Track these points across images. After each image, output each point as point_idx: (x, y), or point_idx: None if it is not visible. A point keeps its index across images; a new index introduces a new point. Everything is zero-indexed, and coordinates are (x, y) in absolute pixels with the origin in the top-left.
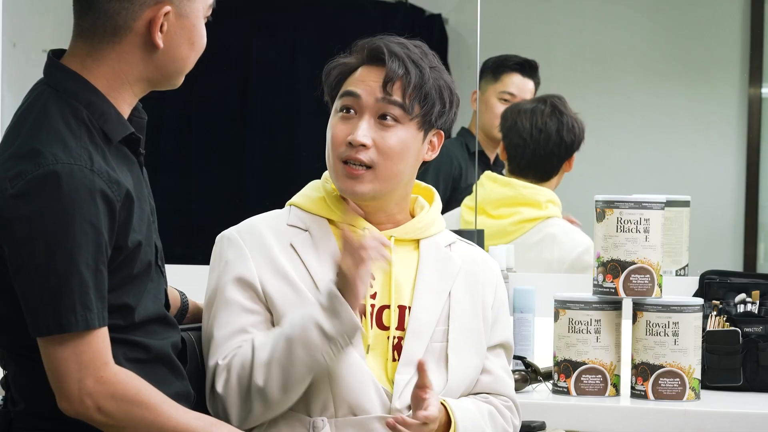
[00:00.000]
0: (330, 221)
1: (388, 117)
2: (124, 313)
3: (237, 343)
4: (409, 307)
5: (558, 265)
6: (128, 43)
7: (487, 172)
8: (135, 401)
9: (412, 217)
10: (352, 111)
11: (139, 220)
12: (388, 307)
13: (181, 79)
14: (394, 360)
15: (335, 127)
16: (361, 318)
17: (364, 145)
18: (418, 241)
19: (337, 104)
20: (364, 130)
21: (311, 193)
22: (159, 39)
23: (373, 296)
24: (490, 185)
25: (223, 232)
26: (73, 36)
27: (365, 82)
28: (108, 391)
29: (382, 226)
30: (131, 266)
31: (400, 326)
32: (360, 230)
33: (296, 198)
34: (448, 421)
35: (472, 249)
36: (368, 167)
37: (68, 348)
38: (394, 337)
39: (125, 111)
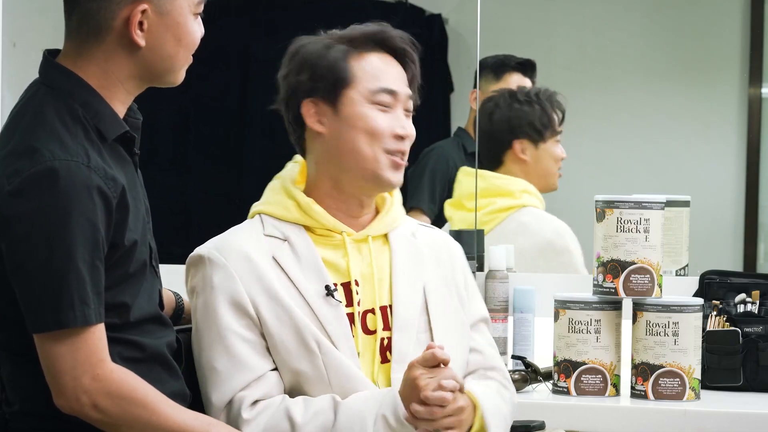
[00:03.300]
0: (306, 228)
1: (408, 110)
2: (120, 312)
3: (244, 382)
4: (390, 306)
5: (531, 252)
6: (111, 42)
7: (462, 168)
8: (131, 399)
9: (377, 209)
10: (388, 107)
11: (135, 219)
12: (372, 311)
13: (179, 75)
14: (383, 362)
15: (377, 120)
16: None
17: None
18: (386, 234)
19: (373, 97)
20: (408, 123)
21: (279, 199)
22: (138, 37)
23: (359, 303)
24: (465, 179)
25: (200, 251)
26: (65, 36)
27: (397, 79)
28: (104, 389)
29: (359, 222)
30: (127, 265)
31: (386, 327)
32: (338, 234)
33: (263, 206)
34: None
35: (433, 232)
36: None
37: (65, 344)
38: (382, 338)
39: (120, 109)
